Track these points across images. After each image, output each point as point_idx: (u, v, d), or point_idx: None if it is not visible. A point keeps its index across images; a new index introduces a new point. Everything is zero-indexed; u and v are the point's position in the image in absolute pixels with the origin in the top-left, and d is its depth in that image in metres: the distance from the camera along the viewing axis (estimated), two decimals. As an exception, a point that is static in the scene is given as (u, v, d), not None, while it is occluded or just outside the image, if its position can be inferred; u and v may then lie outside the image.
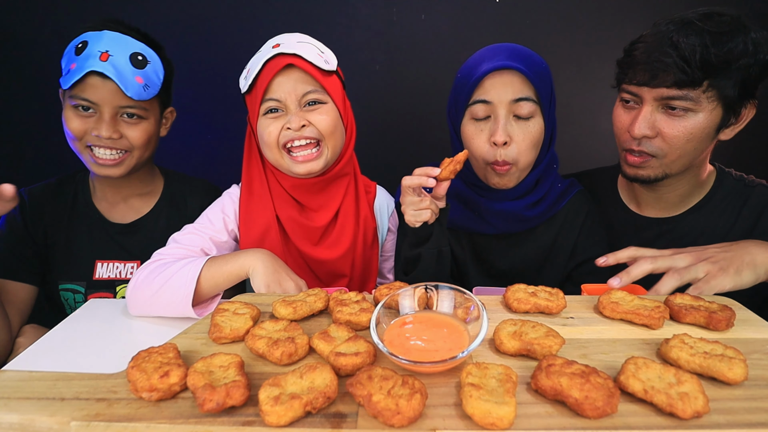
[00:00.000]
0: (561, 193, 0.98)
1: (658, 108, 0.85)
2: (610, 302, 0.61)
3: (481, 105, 0.85)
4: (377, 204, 1.04)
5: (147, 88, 0.95)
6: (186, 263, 0.78)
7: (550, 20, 1.42)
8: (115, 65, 0.91)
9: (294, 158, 0.88)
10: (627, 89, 0.88)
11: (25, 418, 0.42)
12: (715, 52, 0.77)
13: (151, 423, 0.41)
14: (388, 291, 0.63)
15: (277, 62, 0.84)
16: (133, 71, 0.93)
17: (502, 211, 0.94)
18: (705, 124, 0.83)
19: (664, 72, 0.80)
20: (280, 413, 0.40)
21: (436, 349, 0.49)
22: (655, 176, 0.90)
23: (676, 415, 0.40)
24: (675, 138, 0.84)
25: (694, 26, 0.79)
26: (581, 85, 1.46)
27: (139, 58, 0.95)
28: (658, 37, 0.82)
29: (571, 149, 1.51)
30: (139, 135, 0.98)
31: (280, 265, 0.81)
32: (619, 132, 0.92)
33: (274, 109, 0.86)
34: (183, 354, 0.52)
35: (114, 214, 1.07)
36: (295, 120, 0.84)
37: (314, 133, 0.87)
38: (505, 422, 0.39)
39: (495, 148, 0.85)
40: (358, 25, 1.43)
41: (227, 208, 0.93)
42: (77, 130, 0.95)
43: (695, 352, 0.48)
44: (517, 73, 0.84)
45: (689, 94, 0.81)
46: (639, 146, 0.88)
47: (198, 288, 0.75)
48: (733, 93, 0.81)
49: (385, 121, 1.46)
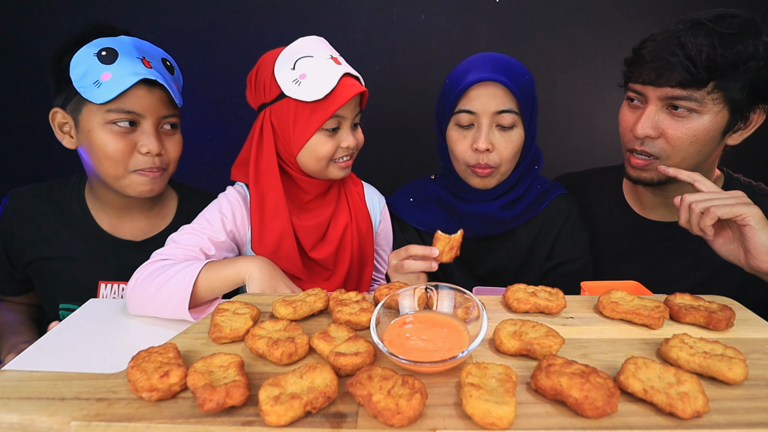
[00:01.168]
0: (540, 194, 1.00)
1: (663, 108, 0.84)
2: (610, 302, 0.61)
3: (465, 114, 0.90)
4: (368, 199, 1.07)
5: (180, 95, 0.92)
6: (184, 266, 0.78)
7: (550, 20, 1.42)
8: (159, 72, 0.86)
9: (338, 164, 0.93)
10: (633, 88, 0.87)
11: (25, 418, 0.42)
12: (722, 53, 0.76)
13: (151, 423, 0.41)
14: (388, 291, 0.63)
15: (349, 84, 0.87)
16: (170, 77, 0.90)
17: (477, 212, 0.97)
18: (709, 126, 0.82)
19: (669, 71, 0.79)
20: (280, 413, 0.40)
21: (436, 349, 0.49)
22: (659, 179, 0.89)
23: (676, 414, 0.40)
24: (678, 139, 0.83)
25: (705, 27, 0.78)
26: (581, 85, 1.46)
27: (168, 64, 0.92)
28: (667, 36, 0.81)
29: (572, 149, 1.51)
30: (175, 147, 0.93)
31: (276, 272, 0.82)
32: (624, 132, 0.92)
33: (334, 128, 0.89)
34: (183, 354, 0.52)
35: (120, 230, 0.98)
36: (351, 139, 0.91)
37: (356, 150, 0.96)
38: (505, 422, 0.39)
39: (477, 153, 0.90)
40: (358, 25, 1.43)
41: (224, 209, 0.93)
42: (123, 151, 0.85)
43: (695, 351, 0.48)
44: (500, 86, 0.87)
45: (694, 94, 0.80)
46: (642, 146, 0.87)
47: (195, 291, 0.76)
48: (740, 96, 0.79)
49: (385, 121, 1.46)
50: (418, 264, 0.82)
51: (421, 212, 1.05)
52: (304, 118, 0.87)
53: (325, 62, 0.86)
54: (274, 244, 0.92)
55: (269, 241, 0.92)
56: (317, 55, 0.87)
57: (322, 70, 0.86)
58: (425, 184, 1.08)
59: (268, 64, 0.90)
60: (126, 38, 0.88)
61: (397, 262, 0.84)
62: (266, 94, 0.90)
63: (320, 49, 0.88)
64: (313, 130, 0.87)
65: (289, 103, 0.87)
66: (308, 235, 0.96)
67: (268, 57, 0.91)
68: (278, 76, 0.87)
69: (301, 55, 0.87)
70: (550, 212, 0.99)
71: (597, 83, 1.44)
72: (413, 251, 0.82)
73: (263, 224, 0.92)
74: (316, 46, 0.89)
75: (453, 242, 0.82)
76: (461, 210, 0.99)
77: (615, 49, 0.93)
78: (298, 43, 0.89)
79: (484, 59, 0.92)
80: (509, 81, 0.87)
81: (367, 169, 1.13)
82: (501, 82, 0.86)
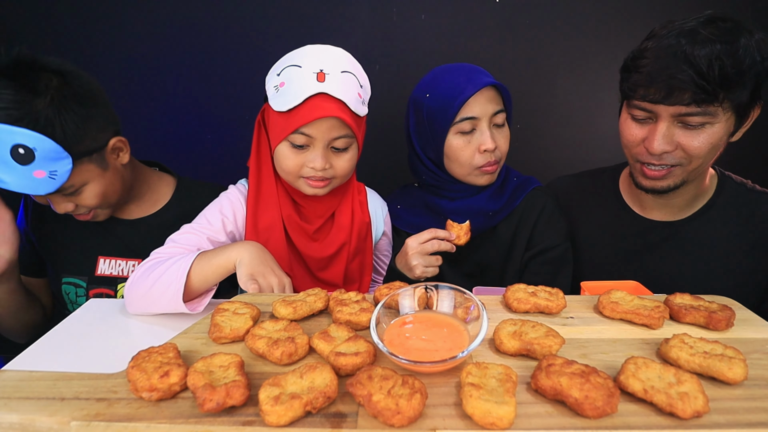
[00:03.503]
0: (517, 187, 1.05)
1: (675, 123, 0.83)
2: (610, 302, 0.61)
3: (468, 121, 0.94)
4: (371, 206, 1.07)
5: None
6: (177, 259, 0.78)
7: (550, 20, 1.42)
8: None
9: (308, 181, 0.90)
10: (640, 106, 0.85)
11: (25, 418, 0.42)
12: (731, 64, 0.75)
13: (151, 423, 0.41)
14: (388, 291, 0.64)
15: (320, 105, 0.82)
16: (20, 168, 0.84)
17: (465, 208, 1.02)
18: (722, 132, 0.82)
19: (680, 90, 0.78)
20: (280, 413, 0.40)
21: (436, 349, 0.49)
22: (675, 185, 0.89)
23: (676, 414, 0.40)
24: (697, 149, 0.83)
25: (702, 36, 0.77)
26: (582, 85, 1.46)
27: (20, 151, 0.82)
28: (669, 51, 0.79)
29: (572, 150, 1.51)
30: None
31: (267, 258, 0.81)
32: (631, 145, 0.90)
33: (301, 146, 0.87)
34: (183, 354, 0.52)
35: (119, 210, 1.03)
36: (320, 162, 0.87)
37: (331, 174, 0.90)
38: (505, 422, 0.39)
39: (485, 154, 0.95)
40: (358, 25, 1.43)
41: (225, 209, 0.93)
42: None
43: (695, 351, 0.48)
44: (492, 89, 0.94)
45: (708, 109, 0.79)
46: (660, 160, 0.86)
47: (189, 283, 0.76)
48: (745, 99, 0.80)
49: (385, 122, 1.45)
50: (443, 244, 0.93)
51: (411, 216, 1.09)
52: (277, 126, 0.87)
53: (306, 75, 0.83)
54: (264, 234, 0.92)
55: (259, 229, 0.92)
56: (305, 66, 0.84)
57: (299, 83, 0.83)
58: (410, 191, 1.13)
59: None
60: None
61: (418, 244, 0.93)
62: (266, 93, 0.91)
63: (313, 61, 0.84)
64: (278, 140, 0.87)
65: (269, 107, 0.88)
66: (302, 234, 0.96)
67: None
68: (267, 78, 0.88)
69: (292, 63, 0.85)
70: (526, 205, 1.03)
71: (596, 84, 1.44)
72: (438, 233, 0.93)
73: (257, 211, 0.93)
74: (312, 58, 0.85)
75: (464, 228, 0.94)
76: (447, 209, 1.03)
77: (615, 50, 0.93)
78: (301, 50, 0.87)
79: (471, 69, 0.97)
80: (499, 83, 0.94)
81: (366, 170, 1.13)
82: (496, 85, 0.94)
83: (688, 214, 0.97)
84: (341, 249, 0.99)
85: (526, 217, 1.02)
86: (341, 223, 1.00)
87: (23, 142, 0.78)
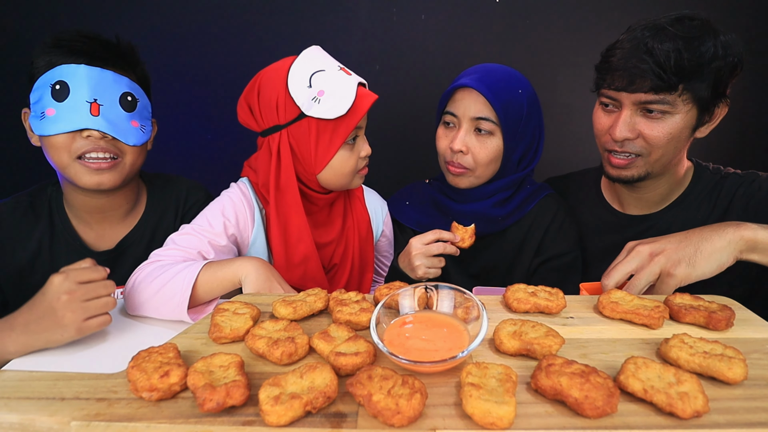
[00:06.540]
0: (530, 193, 1.05)
1: (637, 111, 0.88)
2: (610, 302, 0.61)
3: (449, 115, 0.98)
4: (370, 205, 1.08)
5: (140, 130, 0.93)
6: (183, 267, 0.78)
7: (549, 20, 1.42)
8: (107, 118, 0.87)
9: (359, 173, 0.95)
10: (606, 94, 0.91)
11: (25, 418, 0.42)
12: (688, 57, 0.81)
13: (151, 423, 0.41)
14: (388, 291, 0.64)
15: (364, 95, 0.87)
16: (125, 115, 0.90)
17: (470, 211, 1.03)
18: (682, 124, 0.87)
19: (641, 78, 0.84)
20: (280, 413, 0.40)
21: (436, 349, 0.49)
22: (639, 175, 0.93)
23: (676, 414, 0.40)
24: (656, 138, 0.87)
25: (667, 32, 0.82)
26: (581, 85, 1.46)
27: (129, 98, 0.91)
28: (634, 43, 0.85)
29: (571, 150, 1.52)
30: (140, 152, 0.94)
31: (273, 273, 0.81)
32: (600, 134, 0.96)
33: (353, 140, 0.90)
34: (183, 354, 0.52)
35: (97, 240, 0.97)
36: (368, 148, 0.95)
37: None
38: (504, 422, 0.39)
39: (454, 152, 0.97)
40: (358, 25, 1.43)
41: (227, 211, 0.92)
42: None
43: (695, 351, 0.48)
44: (480, 94, 0.93)
45: (666, 98, 0.84)
46: (622, 147, 0.91)
47: (193, 293, 0.76)
48: (706, 94, 0.84)
49: (385, 122, 1.45)
50: (447, 247, 0.93)
51: (417, 214, 1.09)
52: (327, 135, 0.87)
53: (337, 75, 0.85)
54: (300, 267, 0.93)
55: (294, 264, 0.93)
56: (328, 69, 0.86)
57: (339, 85, 0.85)
58: (420, 188, 1.13)
59: (274, 83, 0.87)
60: (83, 70, 0.83)
61: (422, 245, 0.93)
62: (280, 115, 0.87)
63: (327, 61, 0.87)
64: (337, 146, 0.87)
65: (310, 123, 0.86)
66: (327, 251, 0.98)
67: (270, 76, 0.88)
68: (295, 95, 0.85)
69: (314, 70, 0.85)
70: (538, 211, 1.04)
71: (597, 83, 1.44)
72: (442, 234, 0.93)
73: (288, 248, 0.93)
74: (323, 59, 0.87)
75: (469, 232, 0.95)
76: (455, 210, 1.04)
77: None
78: (305, 58, 0.87)
79: (480, 68, 0.98)
80: (490, 92, 0.92)
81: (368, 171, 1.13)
82: (480, 92, 0.92)
83: (664, 206, 1.00)
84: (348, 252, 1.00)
85: (537, 223, 1.03)
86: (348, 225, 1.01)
87: (131, 90, 0.89)
